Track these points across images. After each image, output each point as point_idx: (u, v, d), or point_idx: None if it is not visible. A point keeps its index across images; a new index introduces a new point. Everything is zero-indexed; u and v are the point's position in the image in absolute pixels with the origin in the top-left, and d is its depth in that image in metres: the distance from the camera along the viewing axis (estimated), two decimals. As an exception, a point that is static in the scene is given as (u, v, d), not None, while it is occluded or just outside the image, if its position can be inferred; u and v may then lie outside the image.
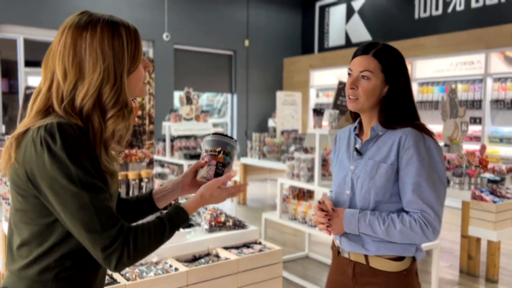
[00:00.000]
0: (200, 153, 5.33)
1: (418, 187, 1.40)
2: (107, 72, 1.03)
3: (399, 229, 1.40)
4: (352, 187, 1.52)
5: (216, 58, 9.54)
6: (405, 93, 1.49)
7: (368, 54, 1.48)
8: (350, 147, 1.59)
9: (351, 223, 1.46)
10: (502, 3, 6.90)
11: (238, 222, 2.74)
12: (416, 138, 1.42)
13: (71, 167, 0.95)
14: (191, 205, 1.18)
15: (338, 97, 3.64)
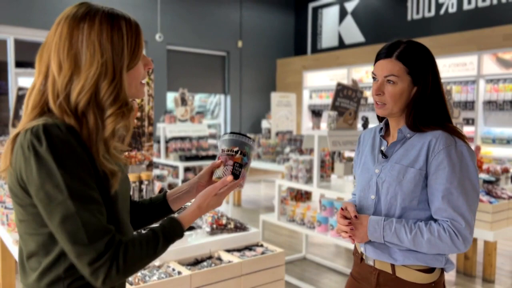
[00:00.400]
0: (196, 155, 5.20)
1: (448, 194, 1.32)
2: (105, 67, 0.97)
3: (427, 239, 1.32)
4: (377, 191, 1.44)
5: (209, 59, 9.50)
6: (435, 92, 1.40)
7: (391, 57, 1.39)
8: (375, 149, 1.52)
9: (376, 231, 1.39)
10: (494, 5, 6.98)
11: (239, 225, 2.72)
12: (447, 142, 1.34)
13: (58, 173, 0.89)
14: (187, 217, 1.11)
15: (337, 98, 3.63)
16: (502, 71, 6.45)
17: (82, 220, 0.90)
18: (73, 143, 0.91)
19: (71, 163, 0.90)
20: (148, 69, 1.10)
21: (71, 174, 0.90)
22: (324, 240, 4.95)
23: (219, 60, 9.65)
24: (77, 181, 0.90)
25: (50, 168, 0.89)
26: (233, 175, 1.19)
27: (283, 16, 10.43)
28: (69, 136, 0.91)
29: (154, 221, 1.28)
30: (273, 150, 6.27)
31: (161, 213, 1.28)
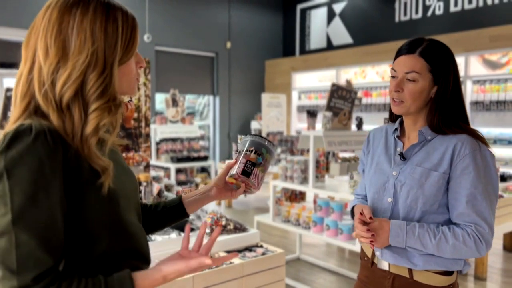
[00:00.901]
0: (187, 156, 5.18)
1: (473, 199, 1.30)
2: (95, 57, 0.90)
3: (452, 244, 1.29)
4: (395, 194, 1.39)
5: (198, 60, 9.46)
6: (456, 94, 1.36)
7: (414, 53, 1.35)
8: (389, 149, 1.47)
9: (399, 236, 1.33)
10: (480, 8, 7.11)
11: (239, 226, 2.70)
12: (473, 147, 1.31)
13: (6, 185, 0.81)
14: (146, 282, 0.94)
15: (331, 99, 3.64)
16: (489, 72, 6.57)
17: (17, 241, 0.80)
18: (39, 152, 0.82)
19: (26, 175, 0.81)
20: (140, 67, 1.03)
21: (20, 187, 0.81)
22: (316, 240, 4.97)
23: (207, 61, 9.61)
24: (27, 197, 0.81)
25: (0, 177, 0.82)
26: (244, 173, 1.17)
27: (272, 17, 10.45)
28: (37, 144, 0.83)
29: (167, 224, 1.25)
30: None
31: (175, 217, 1.24)
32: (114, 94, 0.94)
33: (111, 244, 0.96)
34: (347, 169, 3.55)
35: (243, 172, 1.18)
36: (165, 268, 0.98)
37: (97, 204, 0.92)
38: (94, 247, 0.93)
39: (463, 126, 1.36)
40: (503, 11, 6.83)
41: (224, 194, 1.26)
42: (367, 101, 8.10)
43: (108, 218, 0.95)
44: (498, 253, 4.69)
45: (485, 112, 6.60)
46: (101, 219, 0.93)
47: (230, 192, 1.25)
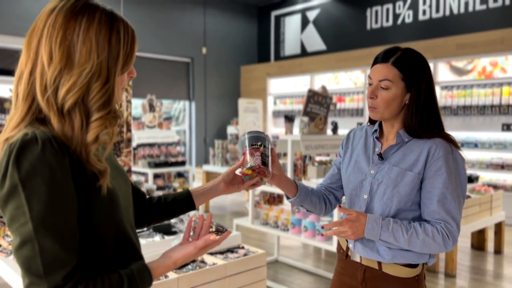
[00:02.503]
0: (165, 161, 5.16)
1: (443, 198, 1.39)
2: (99, 68, 0.92)
3: (422, 239, 1.38)
4: (371, 191, 1.48)
5: (173, 65, 9.46)
6: (429, 99, 1.44)
7: (387, 62, 1.43)
8: (368, 149, 1.55)
9: (374, 230, 1.40)
10: (447, 16, 7.42)
11: (220, 228, 2.76)
12: (446, 150, 1.40)
13: (22, 194, 0.84)
14: (159, 269, 1.04)
15: (308, 104, 3.76)
16: (456, 78, 6.86)
17: (41, 248, 0.83)
18: (49, 160, 0.85)
19: (41, 184, 0.84)
20: (130, 78, 1.07)
21: (37, 196, 0.84)
22: (294, 242, 5.07)
23: (183, 66, 9.63)
24: (45, 204, 0.84)
25: (15, 188, 0.84)
26: (264, 164, 1.29)
27: (246, 24, 10.57)
28: (46, 152, 0.86)
29: (177, 214, 1.34)
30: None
31: (185, 208, 1.33)
32: (114, 105, 0.97)
33: (115, 243, 1.01)
34: (324, 171, 3.66)
35: (263, 163, 1.29)
36: (174, 254, 1.08)
37: (100, 205, 0.96)
38: (100, 247, 0.97)
39: (437, 131, 1.44)
40: (468, 20, 7.15)
41: (232, 188, 1.36)
42: (340, 106, 8.30)
43: (111, 219, 0.99)
44: (467, 251, 4.90)
45: (453, 116, 6.88)
46: (105, 219, 0.98)
47: (237, 186, 1.35)
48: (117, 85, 0.98)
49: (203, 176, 6.85)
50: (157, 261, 1.06)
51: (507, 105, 6.32)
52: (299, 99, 9.18)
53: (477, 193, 4.75)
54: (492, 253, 4.86)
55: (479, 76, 6.61)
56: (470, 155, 6.76)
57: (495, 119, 6.53)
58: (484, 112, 6.53)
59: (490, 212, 4.70)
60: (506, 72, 6.36)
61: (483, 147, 6.58)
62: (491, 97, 6.47)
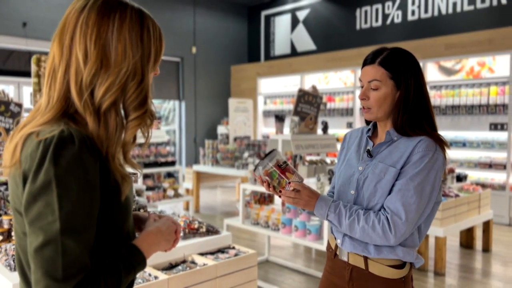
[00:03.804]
0: (155, 161, 5.05)
1: (405, 189, 1.38)
2: (134, 67, 0.91)
3: (361, 226, 1.39)
4: (358, 187, 1.49)
5: (163, 65, 9.40)
6: (419, 97, 1.45)
7: (374, 63, 1.46)
8: (361, 148, 1.58)
9: (322, 208, 1.45)
10: (435, 17, 7.48)
11: (211, 228, 2.75)
12: (428, 147, 1.39)
13: (55, 192, 0.81)
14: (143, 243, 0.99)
15: (298, 104, 3.76)
16: (444, 78, 6.92)
17: (65, 249, 0.81)
18: (84, 161, 0.84)
19: (74, 184, 0.82)
20: (155, 75, 1.04)
21: (68, 195, 0.81)
22: (284, 242, 5.06)
23: (173, 65, 9.58)
24: (74, 205, 0.82)
25: (49, 184, 0.81)
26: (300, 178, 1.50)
27: (236, 24, 10.55)
28: (82, 153, 0.83)
29: None
30: (232, 156, 6.32)
31: None
32: (150, 104, 0.96)
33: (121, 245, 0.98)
34: (314, 171, 3.66)
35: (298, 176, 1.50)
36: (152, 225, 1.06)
37: (117, 211, 0.94)
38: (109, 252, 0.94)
39: (427, 129, 1.43)
40: (456, 20, 7.22)
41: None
42: (330, 106, 8.32)
43: (124, 225, 0.97)
44: (455, 250, 4.94)
45: (442, 116, 6.94)
46: (119, 225, 0.96)
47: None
48: (150, 83, 0.98)
49: (193, 176, 6.82)
50: (140, 236, 1.02)
51: (495, 105, 6.39)
52: (289, 99, 9.19)
53: (465, 192, 4.79)
54: (481, 251, 4.91)
55: (467, 76, 6.67)
56: (459, 154, 6.83)
57: (483, 119, 6.60)
58: (472, 112, 6.59)
59: (478, 210, 4.74)
60: (493, 72, 6.43)
61: (471, 146, 6.65)
62: (479, 97, 6.53)
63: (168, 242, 1.07)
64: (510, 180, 6.25)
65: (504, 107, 6.31)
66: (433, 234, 4.20)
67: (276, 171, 1.45)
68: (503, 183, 6.32)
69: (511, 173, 6.26)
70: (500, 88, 6.36)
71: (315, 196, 1.47)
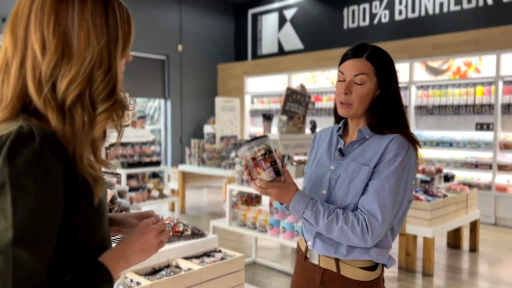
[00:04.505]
0: (139, 161, 4.95)
1: (380, 190, 1.34)
2: (100, 54, 0.82)
3: (340, 226, 1.34)
4: (329, 187, 1.45)
5: (148, 63, 9.26)
6: (395, 98, 1.44)
7: (361, 57, 1.41)
8: (332, 147, 1.54)
9: (299, 204, 1.37)
10: (422, 17, 7.49)
11: (196, 231, 2.66)
12: (401, 145, 1.37)
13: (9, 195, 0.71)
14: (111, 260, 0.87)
15: (286, 103, 3.68)
16: (431, 78, 6.92)
17: (16, 261, 0.70)
18: (46, 161, 0.74)
19: (32, 187, 0.72)
20: (127, 61, 0.96)
21: (25, 199, 0.71)
22: (271, 243, 4.99)
23: (158, 63, 9.43)
24: (32, 211, 0.72)
25: (2, 186, 0.71)
26: (276, 173, 1.32)
27: (223, 22, 10.44)
28: (44, 151, 0.74)
29: None
30: (218, 155, 6.23)
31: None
32: (120, 94, 0.86)
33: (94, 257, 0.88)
34: (303, 171, 3.60)
35: (277, 174, 1.33)
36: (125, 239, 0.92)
37: (87, 217, 0.84)
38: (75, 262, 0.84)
39: (401, 128, 1.42)
40: (443, 20, 7.24)
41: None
42: (318, 105, 8.29)
43: (96, 232, 0.87)
44: (443, 250, 4.93)
45: (428, 116, 6.94)
46: (89, 233, 0.86)
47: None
48: (119, 71, 0.88)
49: (179, 176, 6.70)
50: (108, 252, 0.90)
51: (481, 105, 6.42)
52: (277, 98, 9.13)
53: (453, 192, 4.78)
54: (468, 251, 4.91)
55: (454, 76, 6.68)
56: (445, 154, 6.84)
57: (469, 119, 6.62)
58: (459, 112, 6.61)
59: (466, 210, 4.74)
60: (479, 72, 6.46)
61: (457, 146, 6.66)
62: (465, 97, 6.55)
63: (145, 252, 0.94)
64: (495, 180, 6.28)
65: (490, 107, 6.34)
66: (421, 235, 4.18)
67: (250, 161, 1.36)
68: (488, 183, 6.35)
69: (496, 173, 6.29)
70: (486, 88, 6.39)
71: (289, 192, 1.38)
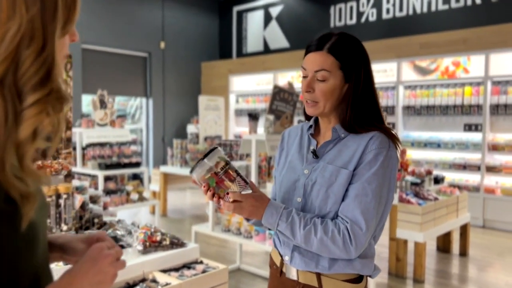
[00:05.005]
0: (117, 162, 4.68)
1: (363, 194, 1.22)
2: (31, 27, 0.63)
3: (319, 238, 1.21)
4: (305, 194, 1.30)
5: (130, 60, 8.95)
6: (368, 91, 1.30)
7: (322, 49, 1.28)
8: (303, 148, 1.39)
9: (272, 216, 1.23)
10: (410, 16, 7.37)
11: (175, 240, 2.43)
12: (382, 144, 1.26)
13: None
14: None
15: (273, 102, 3.48)
16: (419, 78, 6.81)
17: None
18: None
19: None
20: (73, 41, 0.75)
21: None
22: (256, 248, 4.79)
23: (140, 61, 9.13)
24: None
25: None
26: (245, 182, 1.23)
27: (207, 19, 10.19)
28: None
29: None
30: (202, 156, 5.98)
31: None
32: (57, 82, 0.66)
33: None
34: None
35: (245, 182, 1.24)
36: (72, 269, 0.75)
37: (12, 245, 0.64)
38: None
39: (377, 125, 1.30)
40: (431, 19, 7.13)
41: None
42: (304, 105, 8.11)
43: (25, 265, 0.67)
44: (433, 254, 4.80)
45: (416, 116, 6.83)
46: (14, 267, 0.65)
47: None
48: (58, 52, 0.67)
49: (161, 178, 6.44)
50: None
51: (469, 106, 6.32)
52: (262, 98, 8.93)
53: (443, 195, 4.65)
54: (458, 256, 4.78)
55: (442, 76, 6.58)
56: (433, 155, 6.74)
57: (457, 119, 6.52)
58: (447, 112, 6.51)
59: (456, 214, 4.61)
60: (468, 72, 6.36)
61: (445, 147, 6.56)
62: (454, 97, 6.46)
63: (100, 285, 0.75)
64: (484, 181, 6.19)
65: (478, 107, 6.25)
66: (412, 239, 4.02)
67: (212, 178, 1.22)
68: (477, 184, 6.26)
69: (485, 174, 6.20)
70: (475, 88, 6.30)
71: (263, 203, 1.25)
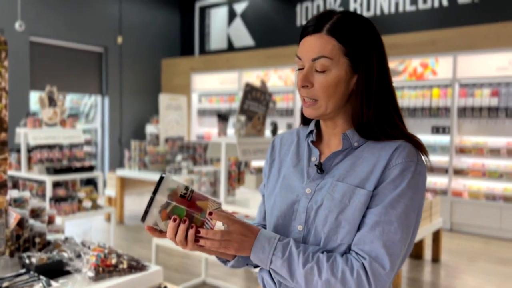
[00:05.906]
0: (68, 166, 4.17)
1: (385, 222, 0.92)
2: None
3: (326, 280, 0.91)
4: (308, 220, 0.99)
5: (83, 55, 8.34)
6: (383, 82, 1.00)
7: (321, 31, 0.96)
8: (302, 159, 1.07)
9: (264, 251, 0.94)
10: (377, 16, 7.27)
11: (135, 263, 2.05)
12: (409, 157, 0.96)
13: None
14: None
15: (245, 101, 3.15)
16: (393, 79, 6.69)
17: None
18: None
19: None
20: None
21: None
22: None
23: (95, 56, 8.54)
24: None
25: None
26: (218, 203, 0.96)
27: (168, 14, 9.72)
28: None
29: None
30: (163, 159, 5.56)
31: None
32: None
33: None
34: (263, 181, 3.09)
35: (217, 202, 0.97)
36: None
37: None
38: None
39: (400, 127, 1.01)
40: (399, 20, 7.05)
41: None
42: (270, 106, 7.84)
43: None
44: (405, 261, 4.64)
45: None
46: None
47: None
48: None
49: (117, 183, 5.94)
50: None
51: (437, 108, 6.27)
52: (227, 97, 8.58)
53: (417, 200, 4.49)
54: (430, 262, 4.65)
55: (410, 78, 6.50)
56: (401, 158, 6.65)
57: (425, 122, 6.45)
58: (415, 115, 6.43)
59: (430, 219, 4.46)
60: (436, 74, 6.31)
61: (413, 150, 6.48)
62: (422, 99, 6.39)
63: None
64: (452, 184, 6.14)
65: (446, 110, 6.20)
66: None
67: (180, 206, 0.92)
68: (444, 188, 6.21)
69: (453, 177, 6.16)
70: (443, 90, 6.25)
71: (251, 233, 0.95)
